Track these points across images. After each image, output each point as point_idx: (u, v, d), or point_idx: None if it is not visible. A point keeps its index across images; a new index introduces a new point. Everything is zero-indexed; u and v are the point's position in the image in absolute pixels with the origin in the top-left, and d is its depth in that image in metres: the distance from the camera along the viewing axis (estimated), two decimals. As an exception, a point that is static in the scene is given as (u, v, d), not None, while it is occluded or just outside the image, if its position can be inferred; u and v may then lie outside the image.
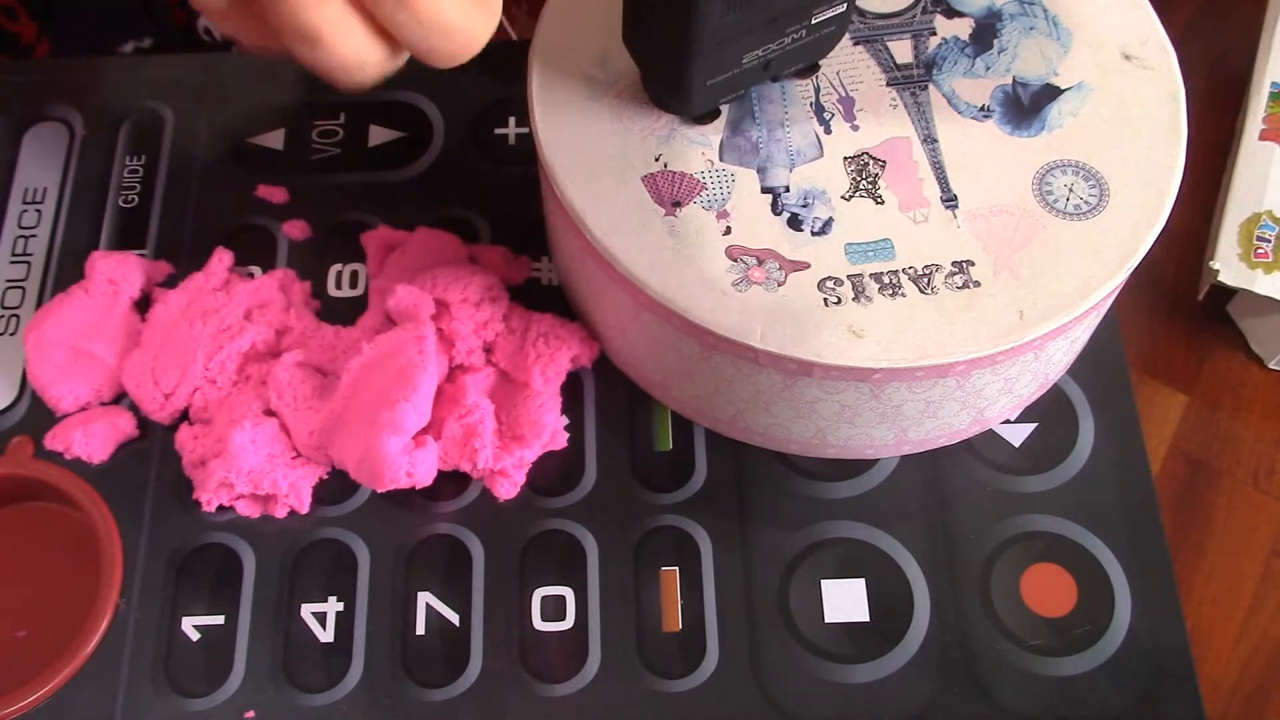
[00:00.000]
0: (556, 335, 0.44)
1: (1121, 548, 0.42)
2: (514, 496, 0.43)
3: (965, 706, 0.40)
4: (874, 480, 0.44)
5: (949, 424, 0.42)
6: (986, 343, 0.37)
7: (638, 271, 0.38)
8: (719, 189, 0.40)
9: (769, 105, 0.42)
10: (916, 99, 0.41)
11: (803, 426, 0.41)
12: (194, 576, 0.42)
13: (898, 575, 0.42)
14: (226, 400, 0.43)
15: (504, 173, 0.50)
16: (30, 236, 0.49)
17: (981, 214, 0.39)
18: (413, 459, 0.41)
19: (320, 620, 0.41)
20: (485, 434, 0.42)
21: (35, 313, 0.46)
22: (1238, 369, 0.47)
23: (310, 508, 0.43)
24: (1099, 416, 0.44)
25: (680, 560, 0.42)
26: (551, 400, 0.44)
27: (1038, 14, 0.43)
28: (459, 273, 0.44)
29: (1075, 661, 0.40)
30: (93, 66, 0.53)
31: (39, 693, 0.40)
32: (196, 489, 0.43)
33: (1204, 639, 0.42)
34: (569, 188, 0.40)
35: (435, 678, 0.40)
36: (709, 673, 0.40)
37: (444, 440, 0.42)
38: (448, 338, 0.44)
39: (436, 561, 0.42)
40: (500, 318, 0.44)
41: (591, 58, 0.42)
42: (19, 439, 0.44)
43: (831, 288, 0.38)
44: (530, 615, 0.41)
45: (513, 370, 0.44)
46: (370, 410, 0.41)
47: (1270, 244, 0.45)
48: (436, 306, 0.44)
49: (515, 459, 0.43)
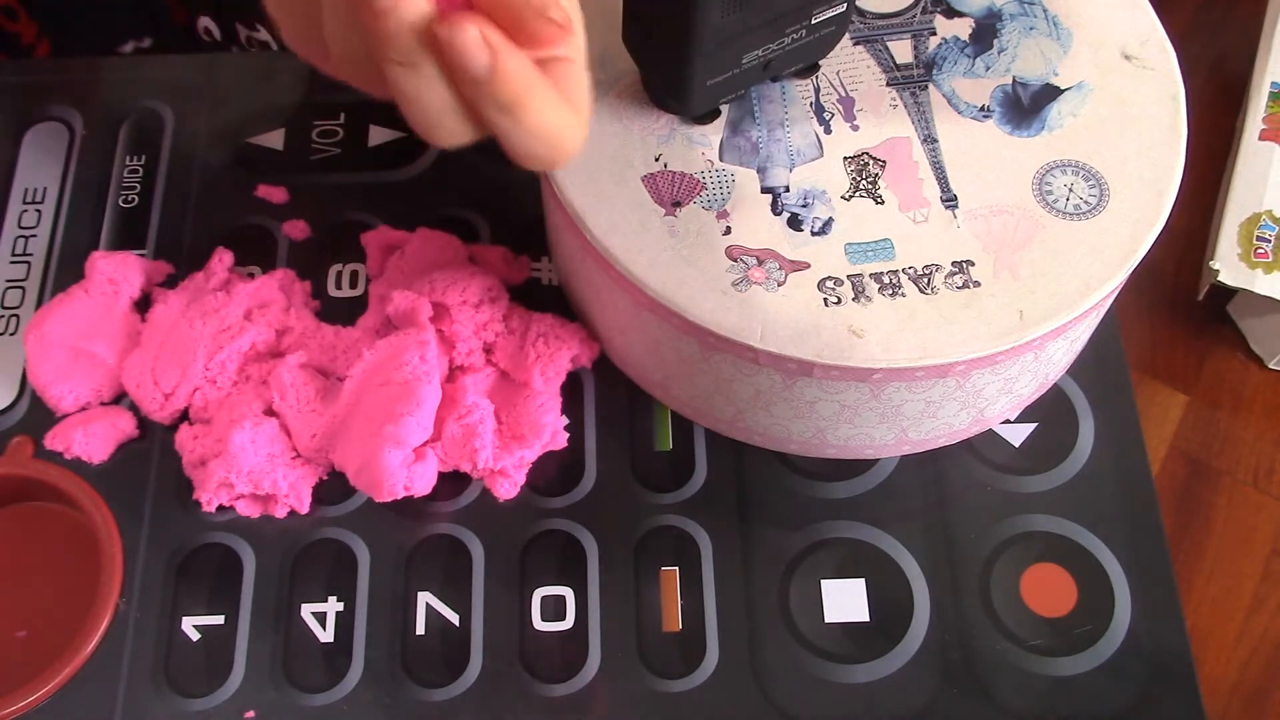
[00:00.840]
0: (556, 335, 0.44)
1: (1121, 548, 0.42)
2: (514, 496, 0.43)
3: (965, 706, 0.40)
4: (874, 480, 0.43)
5: (949, 424, 0.42)
6: (986, 343, 0.37)
7: (638, 271, 0.38)
8: (719, 189, 0.40)
9: (769, 105, 0.42)
10: (916, 99, 0.41)
11: (803, 426, 0.41)
12: (194, 576, 0.42)
13: (898, 575, 0.42)
14: (226, 400, 0.43)
15: (504, 173, 0.50)
16: (30, 236, 0.49)
17: (981, 214, 0.39)
18: (411, 472, 0.41)
19: (320, 620, 0.41)
20: (485, 434, 0.42)
21: (35, 313, 0.46)
22: (1238, 369, 0.47)
23: (310, 508, 0.43)
24: (1099, 416, 0.44)
25: (680, 560, 0.42)
26: (551, 400, 0.44)
27: (1038, 14, 0.43)
28: (457, 275, 0.44)
29: (1075, 661, 0.40)
30: (93, 66, 0.53)
31: (39, 693, 0.40)
32: (196, 489, 0.43)
33: (1204, 639, 0.42)
34: (569, 188, 0.40)
35: (435, 678, 0.40)
36: (709, 673, 0.40)
37: (444, 440, 0.42)
38: (448, 339, 0.44)
39: (436, 561, 0.42)
40: (500, 318, 0.44)
41: (591, 58, 0.42)
42: (19, 439, 0.44)
43: (831, 288, 0.38)
44: (530, 615, 0.41)
45: (513, 370, 0.44)
46: (373, 419, 0.41)
47: (1270, 244, 0.45)
48: (436, 309, 0.44)
49: (515, 459, 0.43)
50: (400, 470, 0.41)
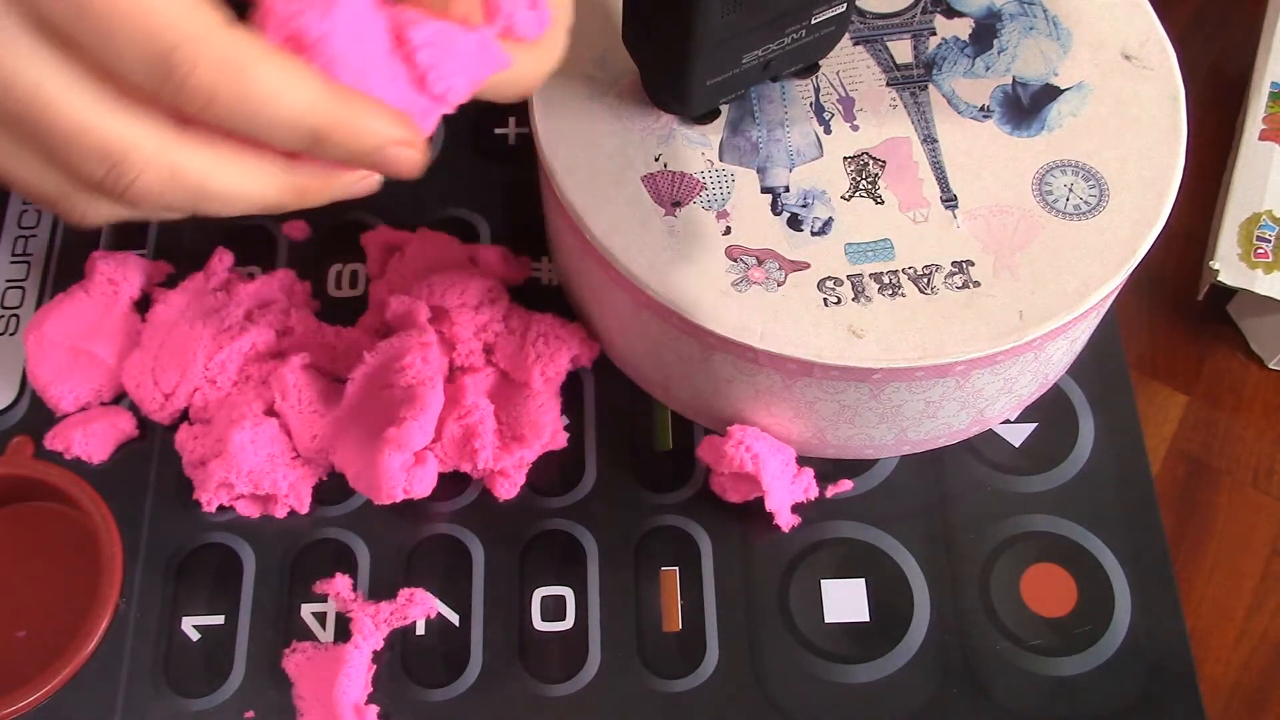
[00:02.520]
0: (556, 335, 0.44)
1: (1121, 548, 0.42)
2: (514, 497, 0.43)
3: (965, 706, 0.40)
4: (874, 480, 0.43)
5: (949, 424, 0.42)
6: (986, 343, 0.37)
7: (638, 271, 0.38)
8: (719, 189, 0.40)
9: (769, 105, 0.42)
10: (916, 99, 0.41)
11: (803, 426, 0.41)
12: (194, 576, 0.42)
13: (898, 575, 0.42)
14: (226, 400, 0.43)
15: (504, 173, 0.50)
16: (30, 236, 0.49)
17: (981, 214, 0.39)
18: (411, 475, 0.41)
19: (320, 620, 0.41)
20: (485, 434, 0.42)
21: (35, 313, 0.46)
22: (1238, 369, 0.47)
23: (310, 507, 0.43)
24: (1099, 416, 0.44)
25: (680, 560, 0.42)
26: (551, 400, 0.44)
27: (1038, 14, 0.43)
28: (456, 277, 0.44)
29: (1075, 661, 0.40)
30: (93, 66, 0.53)
31: (39, 693, 0.40)
32: (196, 489, 0.42)
33: (1204, 639, 0.42)
34: (569, 188, 0.40)
35: (435, 678, 0.40)
36: (709, 673, 0.40)
37: (444, 441, 0.42)
38: (448, 340, 0.44)
39: (436, 561, 0.42)
40: (500, 319, 0.44)
41: (591, 58, 0.42)
42: (19, 439, 0.44)
43: (831, 288, 0.38)
44: (530, 615, 0.41)
45: (513, 370, 0.44)
46: (375, 422, 0.41)
47: (1270, 244, 0.45)
48: (436, 312, 0.44)
49: (515, 459, 0.43)
50: (400, 473, 0.41)
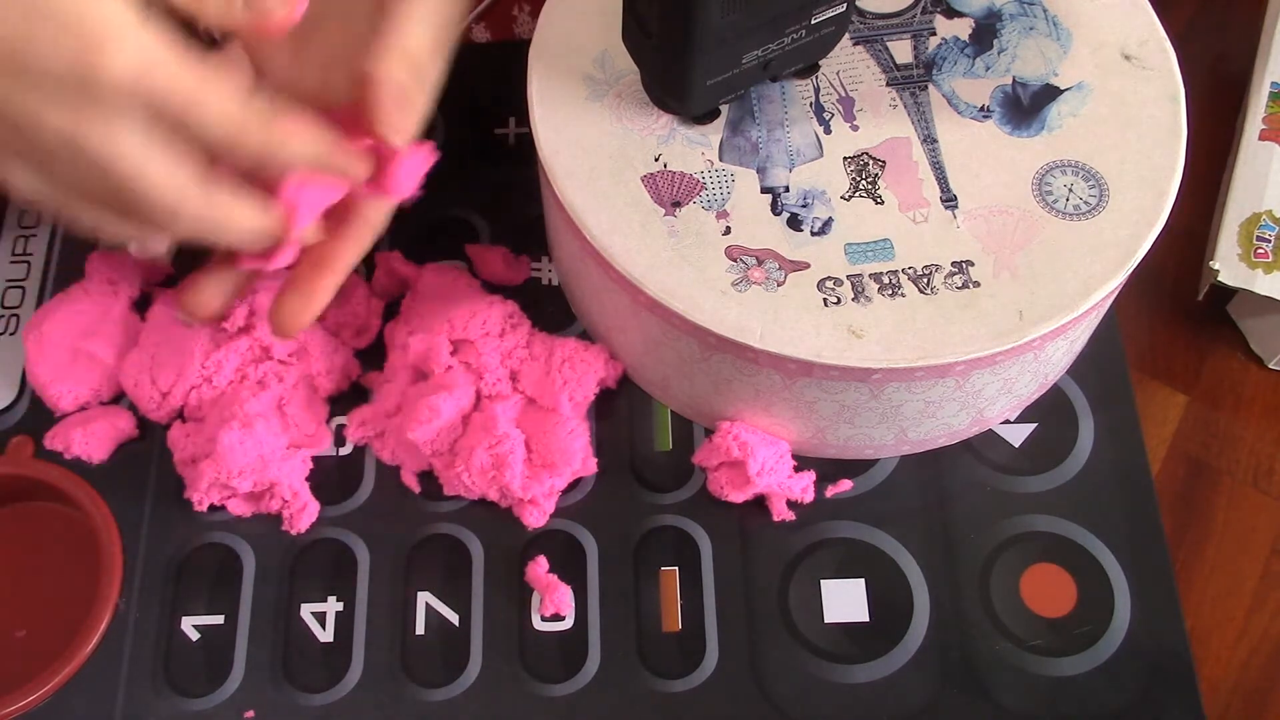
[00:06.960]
0: (581, 359, 0.43)
1: (1121, 548, 0.42)
2: (543, 525, 0.43)
3: (965, 706, 0.40)
4: (874, 480, 0.43)
5: (949, 424, 0.42)
6: (986, 343, 0.37)
7: (638, 271, 0.38)
8: (719, 189, 0.40)
9: (769, 105, 0.42)
10: (916, 99, 0.41)
11: (802, 427, 0.41)
12: (194, 576, 0.42)
13: (898, 575, 0.42)
14: (219, 399, 0.43)
15: (504, 173, 0.50)
16: (30, 236, 0.49)
17: (981, 214, 0.39)
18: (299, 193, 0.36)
19: (320, 620, 0.41)
20: (515, 464, 0.42)
21: (35, 312, 0.46)
22: (1238, 369, 0.47)
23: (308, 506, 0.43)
24: (1099, 416, 0.44)
25: (680, 560, 0.42)
26: (580, 425, 0.43)
27: (1038, 14, 0.43)
28: (476, 307, 0.44)
29: (1075, 661, 0.40)
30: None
31: (39, 693, 0.40)
32: (188, 488, 0.42)
33: (1204, 639, 0.42)
34: (569, 188, 0.40)
35: (435, 678, 0.40)
36: (709, 673, 0.40)
37: (472, 470, 0.42)
38: (475, 371, 0.43)
39: (436, 561, 0.42)
40: (523, 344, 0.44)
41: (591, 58, 0.42)
42: (19, 439, 0.44)
43: (831, 288, 0.38)
44: (530, 615, 0.41)
45: (539, 396, 0.43)
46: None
47: (1270, 244, 0.45)
48: (459, 345, 0.44)
49: (545, 487, 0.42)
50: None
